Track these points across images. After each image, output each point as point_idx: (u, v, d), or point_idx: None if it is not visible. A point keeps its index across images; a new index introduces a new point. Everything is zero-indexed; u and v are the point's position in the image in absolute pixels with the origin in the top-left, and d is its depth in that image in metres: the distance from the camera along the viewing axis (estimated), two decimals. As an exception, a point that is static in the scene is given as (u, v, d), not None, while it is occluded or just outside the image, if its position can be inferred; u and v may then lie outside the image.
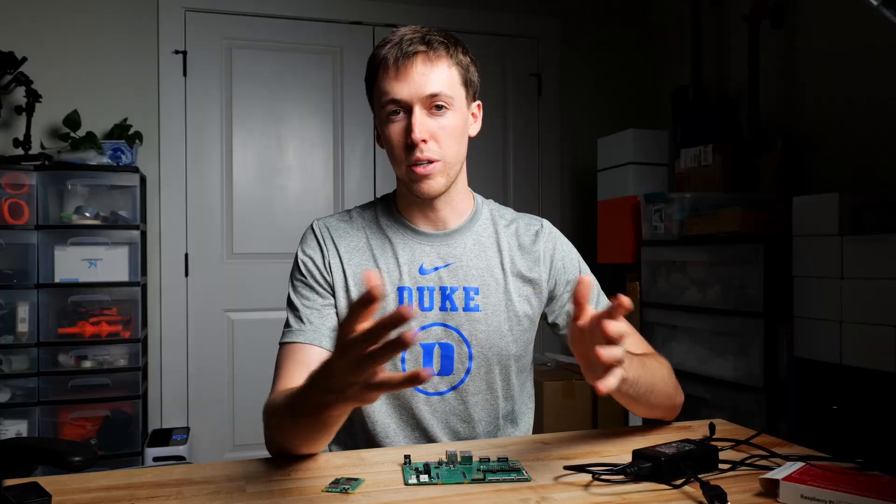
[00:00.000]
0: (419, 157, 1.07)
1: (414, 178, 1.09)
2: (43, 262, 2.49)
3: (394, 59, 1.07)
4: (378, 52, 1.10)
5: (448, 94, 1.08)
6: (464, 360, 1.14)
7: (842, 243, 1.92)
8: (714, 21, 2.99)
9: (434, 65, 1.08)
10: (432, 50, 1.08)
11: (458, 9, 3.19)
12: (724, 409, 2.21)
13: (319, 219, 1.21)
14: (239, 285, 3.02)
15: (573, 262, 1.23)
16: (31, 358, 2.47)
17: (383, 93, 1.08)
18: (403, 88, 1.06)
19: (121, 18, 2.87)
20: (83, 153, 2.57)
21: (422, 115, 1.07)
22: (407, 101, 1.07)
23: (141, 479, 0.91)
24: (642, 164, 2.91)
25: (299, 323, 1.11)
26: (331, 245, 1.16)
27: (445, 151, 1.09)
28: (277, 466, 0.96)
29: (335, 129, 3.16)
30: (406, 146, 1.08)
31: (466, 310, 1.14)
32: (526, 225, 1.23)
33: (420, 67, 1.07)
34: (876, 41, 2.24)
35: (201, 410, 2.95)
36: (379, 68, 1.10)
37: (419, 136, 1.06)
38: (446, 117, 1.09)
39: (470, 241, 1.18)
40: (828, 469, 0.86)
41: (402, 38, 1.08)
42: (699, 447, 0.93)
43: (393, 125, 1.09)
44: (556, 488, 0.87)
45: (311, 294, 1.14)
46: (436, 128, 1.08)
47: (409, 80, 1.06)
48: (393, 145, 1.10)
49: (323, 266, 1.15)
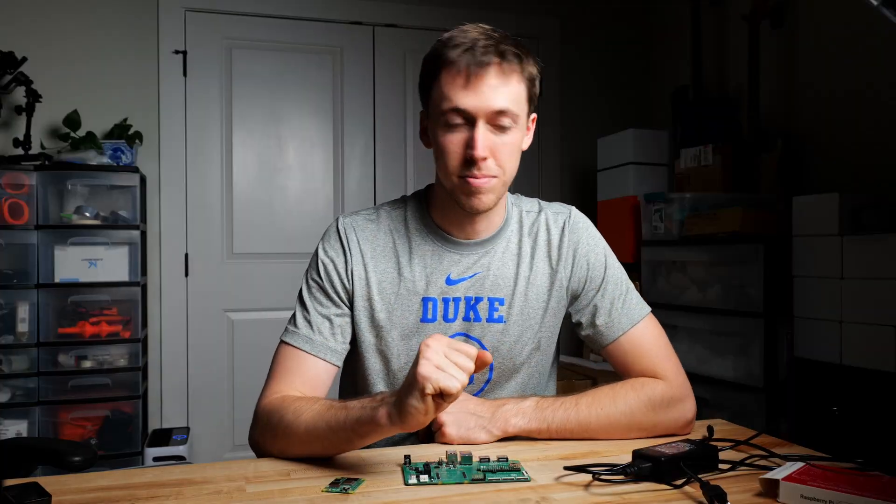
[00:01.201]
0: (476, 175, 1.02)
1: (468, 190, 1.03)
2: (43, 262, 2.48)
3: (465, 66, 1.00)
4: (445, 52, 1.02)
5: (515, 112, 1.02)
6: (484, 371, 1.13)
7: (842, 243, 1.91)
8: (714, 21, 2.98)
9: (506, 79, 1.01)
10: (506, 62, 1.01)
11: (457, 8, 3.18)
12: (724, 409, 2.21)
13: (346, 216, 1.16)
14: (239, 285, 3.02)
15: (599, 258, 1.17)
16: (31, 358, 2.47)
17: (446, 98, 1.01)
18: (471, 100, 1.00)
19: (121, 18, 2.87)
20: (83, 153, 2.57)
21: (485, 130, 1.01)
22: (472, 113, 1.00)
23: (141, 479, 0.91)
24: (642, 164, 2.90)
25: (308, 329, 1.09)
26: (356, 249, 1.12)
27: (504, 169, 1.04)
28: (277, 467, 0.96)
29: (335, 129, 3.16)
30: (464, 160, 1.02)
31: (490, 321, 1.12)
32: (554, 216, 1.18)
33: (492, 81, 1.00)
34: (876, 41, 2.24)
35: (201, 410, 2.95)
36: (443, 69, 1.02)
37: (482, 153, 1.00)
38: (509, 135, 1.03)
39: (500, 249, 1.14)
40: (828, 469, 0.86)
41: (476, 43, 1.01)
42: (699, 447, 0.93)
43: (452, 134, 1.02)
44: (556, 488, 0.87)
45: (326, 300, 1.11)
46: (497, 144, 1.02)
47: (479, 92, 0.99)
48: (447, 154, 1.03)
49: (344, 273, 1.11)
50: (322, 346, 1.08)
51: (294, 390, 1.05)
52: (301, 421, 0.96)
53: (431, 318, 1.11)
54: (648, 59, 3.50)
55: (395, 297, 1.11)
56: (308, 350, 1.07)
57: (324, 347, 1.08)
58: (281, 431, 0.98)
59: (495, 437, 1.03)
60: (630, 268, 2.76)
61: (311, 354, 1.07)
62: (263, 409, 1.03)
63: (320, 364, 1.07)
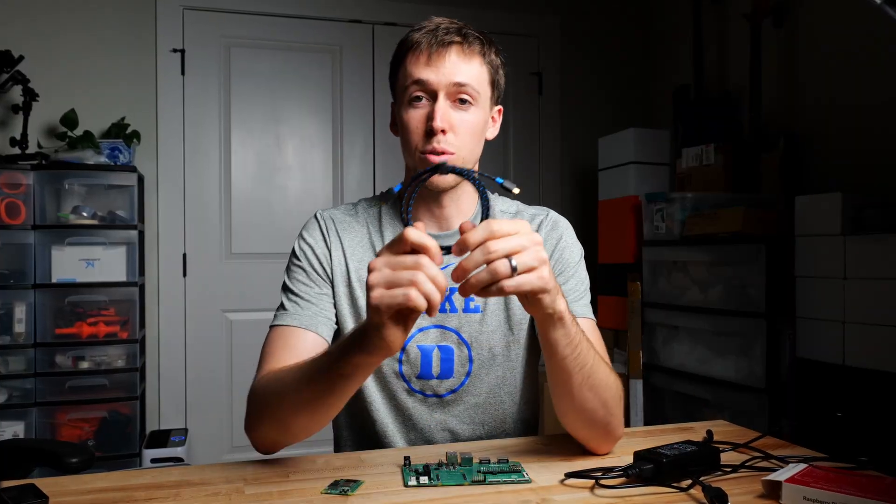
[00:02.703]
0: (435, 147, 1.03)
1: (426, 166, 1.05)
2: (40, 262, 2.47)
3: (427, 45, 1.04)
4: (411, 35, 1.07)
5: (475, 89, 1.05)
6: (464, 363, 1.12)
7: (844, 243, 1.91)
8: (715, 20, 2.97)
9: (467, 58, 1.05)
10: (468, 43, 1.05)
11: (457, 7, 3.17)
12: (726, 410, 2.20)
13: (324, 210, 1.18)
14: (238, 285, 3.01)
15: (573, 257, 1.16)
16: (28, 359, 2.46)
17: (409, 75, 1.05)
18: (431, 73, 1.03)
19: (118, 17, 2.86)
20: (80, 152, 2.56)
21: (445, 104, 1.04)
22: (433, 86, 1.04)
23: (139, 480, 0.91)
24: (643, 163, 2.89)
25: (295, 307, 1.08)
26: (334, 236, 1.14)
27: (462, 146, 1.06)
28: (276, 468, 0.96)
29: (334, 129, 3.15)
30: (425, 133, 1.04)
31: (466, 311, 1.12)
32: (530, 217, 1.20)
33: (453, 57, 1.04)
34: (878, 40, 2.23)
35: (199, 411, 2.94)
36: (409, 52, 1.06)
37: (440, 124, 1.02)
38: (469, 112, 1.06)
39: None
40: (831, 471, 0.85)
41: (439, 26, 1.06)
42: (701, 449, 0.92)
43: (413, 110, 1.05)
44: (556, 490, 0.87)
45: (309, 281, 1.11)
46: (457, 121, 1.05)
47: (440, 66, 1.03)
48: (410, 131, 1.06)
49: (324, 256, 1.13)
50: (310, 318, 1.07)
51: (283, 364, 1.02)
52: (286, 383, 0.93)
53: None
54: (649, 58, 3.50)
55: None
56: (296, 324, 1.06)
57: (312, 319, 1.07)
58: (272, 403, 0.95)
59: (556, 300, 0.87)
60: (631, 268, 2.78)
61: (299, 328, 1.06)
62: (252, 391, 1.00)
63: (310, 336, 1.06)
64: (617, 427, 0.99)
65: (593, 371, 0.93)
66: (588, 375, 0.93)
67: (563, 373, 0.92)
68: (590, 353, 0.93)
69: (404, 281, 0.75)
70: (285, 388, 0.93)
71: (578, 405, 0.95)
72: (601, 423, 0.98)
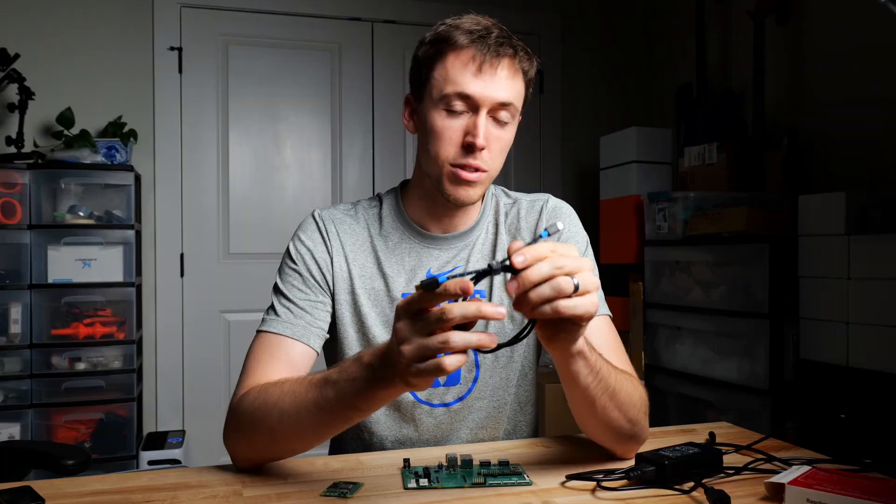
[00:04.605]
0: (471, 163, 0.99)
1: (456, 181, 1.01)
2: (36, 263, 2.46)
3: (479, 53, 0.98)
4: (455, 35, 0.99)
5: (516, 108, 1.02)
6: (471, 368, 1.10)
7: (848, 243, 1.90)
8: (718, 17, 2.96)
9: (515, 74, 1.01)
10: (518, 58, 1.01)
11: (457, 4, 3.14)
12: (729, 412, 2.19)
13: (322, 209, 1.13)
14: (235, 286, 2.99)
15: (577, 245, 1.12)
16: (24, 360, 2.44)
17: (453, 82, 0.98)
18: (480, 87, 0.97)
19: (115, 14, 2.84)
20: (77, 151, 2.54)
21: (488, 121, 0.99)
22: (478, 100, 0.98)
23: (136, 483, 0.91)
24: (645, 162, 2.88)
25: (287, 313, 1.04)
26: (335, 240, 1.09)
27: (493, 164, 1.02)
28: (274, 470, 0.95)
29: (333, 127, 3.13)
30: (462, 146, 0.99)
31: None
32: (530, 203, 1.16)
33: (504, 72, 0.99)
34: (883, 37, 2.21)
35: (197, 413, 2.92)
36: (451, 52, 0.99)
37: (482, 142, 0.98)
38: (505, 130, 1.02)
39: (479, 241, 1.13)
40: (834, 473, 0.85)
41: (489, 32, 0.99)
42: (703, 451, 0.92)
43: (451, 120, 0.99)
44: (557, 492, 0.87)
45: (305, 287, 1.07)
46: (494, 138, 1.01)
47: (490, 81, 0.98)
48: (443, 140, 1.00)
49: (324, 261, 1.08)
50: (303, 329, 1.03)
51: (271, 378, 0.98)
52: (281, 407, 0.88)
53: None
54: (651, 56, 3.48)
55: (375, 292, 1.09)
56: (288, 334, 1.02)
57: (304, 330, 1.03)
58: (259, 423, 0.90)
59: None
60: (633, 268, 2.76)
61: (290, 338, 1.02)
62: (237, 406, 0.95)
63: (299, 347, 1.02)
64: (641, 433, 0.98)
65: (616, 392, 0.90)
66: (612, 396, 0.90)
67: (586, 401, 0.90)
68: (611, 374, 0.90)
69: (435, 345, 0.70)
70: (281, 412, 0.88)
71: (603, 424, 0.94)
72: (627, 435, 0.96)
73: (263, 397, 0.91)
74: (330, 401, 0.83)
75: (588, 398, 0.89)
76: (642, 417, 0.96)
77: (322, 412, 0.85)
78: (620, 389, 0.91)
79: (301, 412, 0.86)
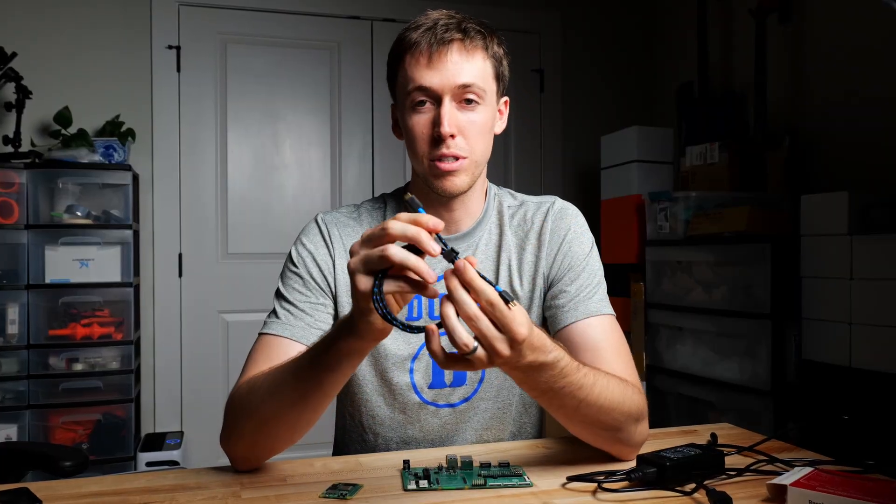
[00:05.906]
0: (445, 153, 0.99)
1: (437, 173, 1.01)
2: (33, 263, 2.45)
3: (427, 45, 0.98)
4: (408, 35, 1.01)
5: (481, 87, 1.00)
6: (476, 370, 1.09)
7: (851, 243, 1.89)
8: (720, 15, 2.95)
9: (470, 55, 1.00)
10: (469, 39, 1.00)
11: (457, 3, 3.13)
12: (731, 413, 2.18)
13: (326, 213, 1.13)
14: (234, 286, 2.98)
15: (584, 248, 1.11)
16: (21, 360, 2.43)
17: (410, 80, 1.00)
18: (434, 77, 0.98)
19: (113, 13, 2.83)
20: (74, 151, 2.53)
21: (451, 107, 0.99)
22: (437, 90, 0.98)
23: (134, 484, 0.91)
24: (646, 162, 2.87)
25: (287, 315, 1.03)
26: (339, 244, 1.08)
27: (473, 148, 1.01)
28: (273, 472, 0.95)
29: (333, 126, 3.11)
30: (432, 139, 1.00)
31: None
32: (536, 206, 1.14)
33: (455, 56, 0.98)
34: (885, 36, 2.20)
35: (195, 414, 2.91)
36: (407, 53, 1.01)
37: (448, 129, 0.98)
38: (477, 112, 1.01)
39: (482, 242, 1.11)
40: (837, 474, 0.85)
41: (437, 23, 1.00)
42: (705, 452, 0.92)
43: (418, 116, 1.01)
44: (558, 494, 0.86)
45: (305, 290, 1.06)
46: (465, 122, 1.00)
47: (442, 68, 0.98)
48: (416, 137, 1.02)
49: (326, 264, 1.07)
50: (302, 330, 1.02)
51: None
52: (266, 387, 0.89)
53: (417, 317, 1.08)
54: (652, 55, 3.47)
55: None
56: (288, 336, 1.01)
57: (304, 331, 1.02)
58: (249, 409, 0.90)
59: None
60: (634, 268, 2.75)
61: (289, 339, 1.01)
62: (229, 401, 0.96)
63: (298, 348, 1.00)
64: (630, 438, 0.95)
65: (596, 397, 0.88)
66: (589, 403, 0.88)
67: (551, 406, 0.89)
68: (587, 377, 0.86)
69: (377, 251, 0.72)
70: (265, 392, 0.89)
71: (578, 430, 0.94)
72: (609, 441, 0.96)
73: (249, 385, 0.93)
74: (304, 367, 0.84)
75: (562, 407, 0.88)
76: (628, 423, 0.93)
77: (298, 381, 0.85)
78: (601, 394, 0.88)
79: (281, 387, 0.87)
